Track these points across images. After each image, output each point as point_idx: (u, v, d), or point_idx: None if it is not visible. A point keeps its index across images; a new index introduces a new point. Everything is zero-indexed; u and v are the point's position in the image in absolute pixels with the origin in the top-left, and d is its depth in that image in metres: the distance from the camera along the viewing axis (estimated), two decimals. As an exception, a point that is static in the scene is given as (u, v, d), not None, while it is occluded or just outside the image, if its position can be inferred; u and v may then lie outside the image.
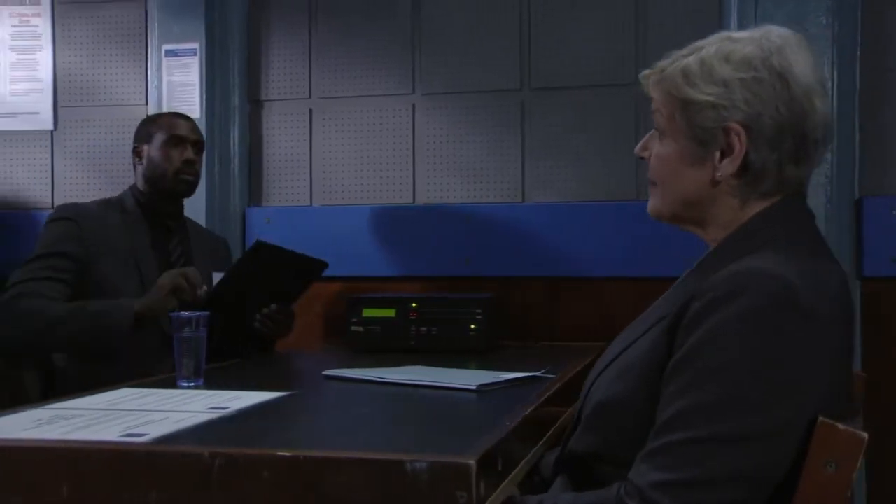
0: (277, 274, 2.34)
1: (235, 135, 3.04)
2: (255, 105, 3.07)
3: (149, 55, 3.06)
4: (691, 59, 1.28)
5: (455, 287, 2.84)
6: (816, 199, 2.49)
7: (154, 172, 2.44)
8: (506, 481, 1.27)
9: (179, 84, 2.98)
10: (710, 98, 1.25)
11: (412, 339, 2.42)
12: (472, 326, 2.38)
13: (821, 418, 1.10)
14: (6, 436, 1.26)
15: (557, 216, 2.82)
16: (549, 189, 2.86)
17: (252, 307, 2.35)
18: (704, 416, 1.11)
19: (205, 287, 2.21)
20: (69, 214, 2.32)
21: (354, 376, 1.84)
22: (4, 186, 3.21)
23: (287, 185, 3.05)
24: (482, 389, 1.67)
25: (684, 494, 1.09)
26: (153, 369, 2.07)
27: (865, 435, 1.09)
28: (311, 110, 3.03)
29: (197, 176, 2.52)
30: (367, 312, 2.46)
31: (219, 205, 2.99)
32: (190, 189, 2.51)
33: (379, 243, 2.94)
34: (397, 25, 2.97)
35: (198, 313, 1.81)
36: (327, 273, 2.93)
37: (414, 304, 2.43)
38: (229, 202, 3.02)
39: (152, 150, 2.45)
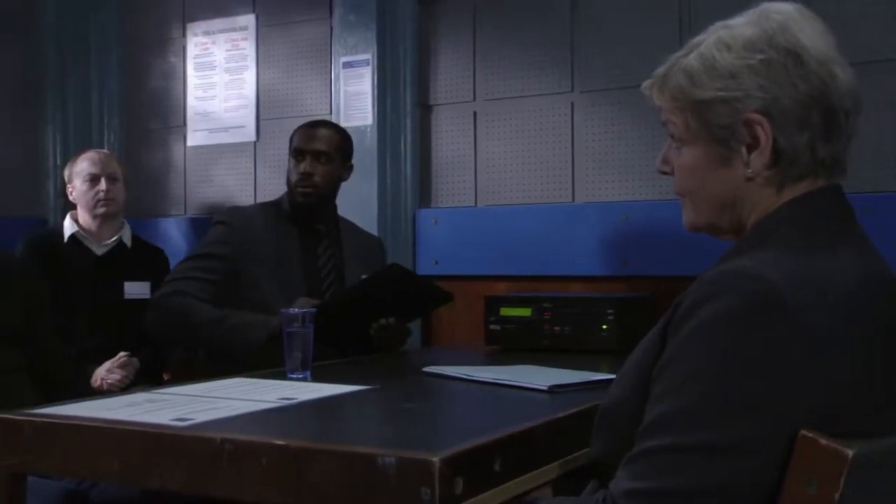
0: (403, 295, 2.39)
1: (407, 139, 3.18)
2: (424, 110, 3.20)
3: (332, 68, 3.28)
4: (691, 58, 1.21)
5: (611, 287, 2.79)
6: None
7: (287, 185, 2.62)
8: (512, 482, 1.27)
9: (354, 93, 3.16)
10: (720, 93, 1.17)
11: (546, 338, 2.42)
12: (604, 327, 2.34)
13: (802, 431, 1.01)
14: (91, 414, 1.45)
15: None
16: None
17: (372, 317, 2.40)
18: (675, 424, 1.06)
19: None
20: (225, 218, 2.56)
21: (446, 373, 1.89)
22: (218, 192, 3.57)
23: (453, 187, 3.15)
24: (554, 390, 1.66)
25: (654, 504, 1.05)
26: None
27: (850, 452, 0.98)
28: (475, 113, 3.10)
29: (316, 187, 2.57)
30: (505, 311, 2.49)
31: (391, 207, 3.14)
32: (309, 200, 2.58)
33: (540, 243, 2.95)
34: (555, 23, 2.97)
35: (305, 310, 1.95)
36: (497, 271, 3.01)
37: (547, 304, 2.43)
38: (401, 204, 3.17)
39: (290, 160, 2.62)
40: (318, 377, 1.90)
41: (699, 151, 1.22)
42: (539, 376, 1.78)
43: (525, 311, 2.46)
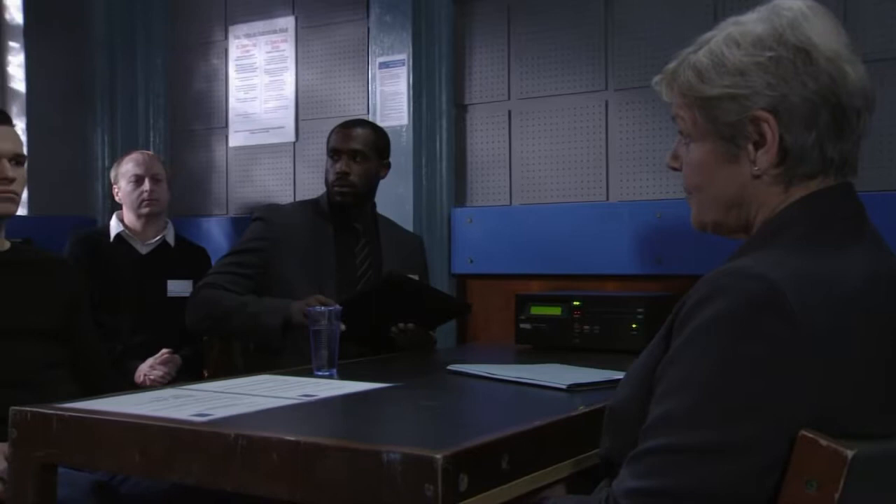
0: (417, 303, 2.40)
1: (442, 139, 3.20)
2: (459, 109, 3.21)
3: (368, 68, 3.31)
4: (701, 54, 1.20)
5: (646, 286, 2.78)
6: None
7: (326, 182, 2.65)
8: (521, 479, 1.28)
9: (390, 93, 3.19)
10: (728, 90, 1.17)
11: (576, 337, 2.42)
12: (633, 326, 2.32)
13: (802, 432, 1.01)
14: (116, 409, 1.49)
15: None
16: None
17: (392, 319, 2.41)
18: (676, 424, 1.06)
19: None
20: (262, 215, 2.61)
21: (469, 371, 1.90)
22: (258, 192, 3.63)
23: (488, 186, 3.16)
24: (573, 389, 1.67)
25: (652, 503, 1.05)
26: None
27: (850, 453, 0.97)
28: (509, 112, 3.11)
29: (353, 186, 2.60)
30: (535, 310, 2.49)
31: (426, 205, 3.16)
32: (346, 199, 2.61)
33: (574, 241, 2.95)
34: (589, 21, 2.96)
35: (331, 308, 1.98)
36: (532, 270, 3.01)
37: (577, 303, 2.43)
38: (436, 203, 3.18)
39: (327, 159, 2.66)
40: (344, 375, 1.93)
41: (707, 148, 1.21)
42: (560, 375, 1.78)
43: (555, 310, 2.46)
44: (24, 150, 2.14)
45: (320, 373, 1.94)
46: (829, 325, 1.04)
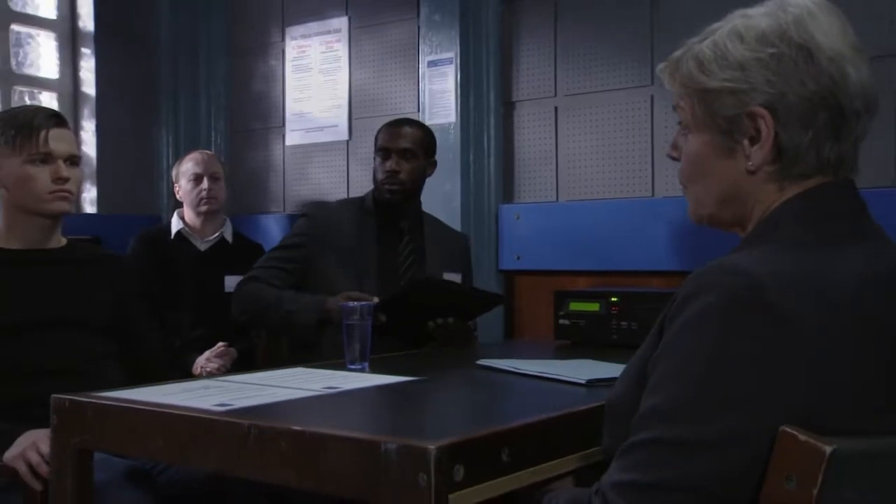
0: (450, 300, 2.43)
1: (490, 136, 3.22)
2: (507, 106, 3.23)
3: (419, 67, 3.35)
4: (705, 45, 1.21)
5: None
6: None
7: (374, 182, 2.70)
8: (524, 471, 1.30)
9: (438, 91, 3.23)
10: (728, 84, 1.17)
11: (614, 333, 2.42)
12: (671, 322, 2.30)
13: (783, 427, 1.01)
14: (145, 398, 1.56)
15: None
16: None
17: (428, 315, 2.44)
18: (662, 419, 1.07)
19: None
20: (307, 211, 2.68)
21: (497, 366, 1.93)
22: (313, 190, 3.71)
23: (535, 182, 3.17)
24: (592, 384, 1.68)
25: (637, 497, 1.06)
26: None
27: (829, 449, 0.97)
28: (556, 108, 3.11)
29: (402, 184, 2.64)
30: (574, 306, 2.50)
31: (474, 202, 3.19)
32: (395, 196, 2.65)
33: (620, 238, 2.94)
34: (635, 17, 2.94)
35: (363, 303, 2.02)
36: (577, 266, 3.02)
37: (614, 299, 2.43)
38: (484, 200, 3.21)
39: (375, 158, 2.70)
40: (377, 368, 1.97)
41: (704, 139, 1.22)
42: (585, 370, 1.80)
43: (593, 306, 2.46)
44: (79, 151, 2.24)
45: (353, 366, 1.99)
46: (818, 323, 1.04)
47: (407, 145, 2.68)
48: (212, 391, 1.63)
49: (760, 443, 1.02)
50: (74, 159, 2.20)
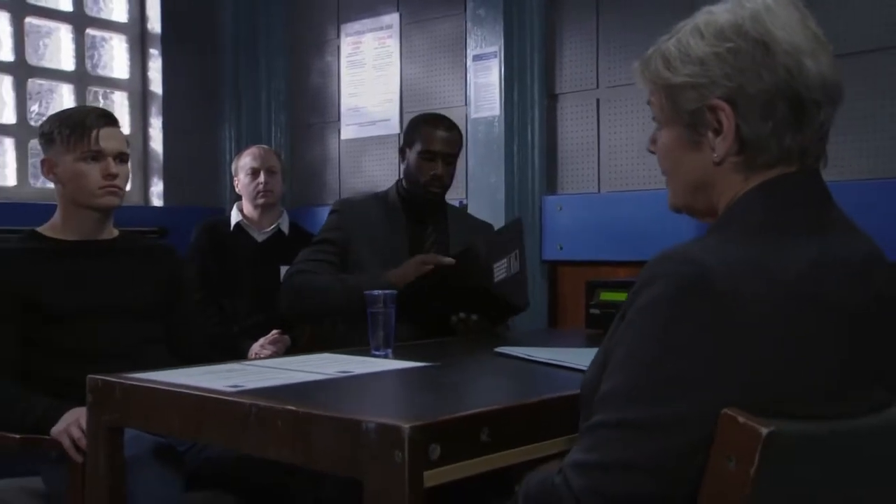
0: (472, 293, 2.46)
1: (534, 128, 3.26)
2: (551, 99, 3.26)
3: (466, 61, 3.42)
4: (671, 42, 1.25)
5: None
6: None
7: (410, 178, 2.75)
8: (507, 452, 1.36)
9: (483, 85, 3.28)
10: (689, 79, 1.21)
11: (642, 322, 2.43)
12: (697, 311, 2.32)
13: (724, 410, 1.05)
14: (167, 380, 1.66)
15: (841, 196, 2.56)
16: (835, 167, 2.61)
17: (454, 305, 2.48)
18: (615, 402, 1.12)
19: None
20: (337, 207, 2.77)
21: (512, 353, 1.98)
22: (367, 182, 3.81)
23: (577, 174, 3.20)
24: (594, 370, 1.72)
25: (591, 476, 1.11)
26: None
27: (765, 430, 1.01)
28: (598, 100, 3.14)
29: (445, 188, 2.72)
30: (604, 296, 2.53)
31: (518, 194, 3.24)
32: (436, 199, 2.73)
33: (661, 228, 2.94)
34: (675, 8, 2.93)
35: (386, 292, 2.10)
36: (619, 256, 3.04)
37: (643, 288, 2.44)
38: (528, 191, 3.25)
39: (411, 156, 2.74)
40: (399, 355, 2.05)
41: (674, 134, 1.26)
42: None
43: (622, 296, 2.45)
44: (127, 149, 2.37)
45: (377, 352, 2.07)
46: (767, 309, 1.07)
47: (455, 151, 2.75)
48: (234, 373, 1.73)
49: (705, 424, 1.06)
50: (123, 156, 2.34)
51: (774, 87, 1.16)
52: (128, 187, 2.44)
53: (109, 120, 2.34)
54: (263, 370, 1.79)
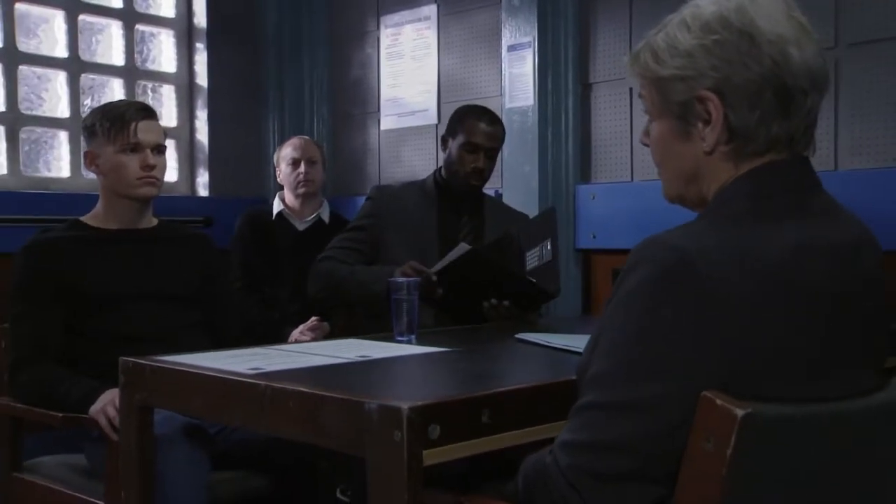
0: (497, 280, 2.49)
1: (569, 117, 3.28)
2: (585, 88, 3.28)
3: (502, 52, 3.45)
4: (659, 36, 1.28)
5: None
6: None
7: (450, 168, 2.79)
8: (509, 433, 1.40)
9: (517, 75, 3.31)
10: (677, 71, 1.24)
11: (666, 310, 2.44)
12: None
13: (703, 392, 1.08)
14: (193, 362, 1.73)
15: (873, 185, 2.55)
16: (865, 155, 2.60)
17: (482, 293, 2.51)
18: (601, 384, 1.16)
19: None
20: (372, 194, 2.83)
21: (530, 339, 2.02)
22: (406, 172, 3.86)
23: (611, 162, 3.21)
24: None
25: (577, 455, 1.16)
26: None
27: (740, 412, 1.04)
28: (631, 90, 3.14)
29: (485, 181, 2.77)
30: (630, 283, 2.54)
31: (552, 183, 3.26)
32: (475, 191, 2.78)
33: (691, 216, 2.94)
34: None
35: (410, 279, 2.16)
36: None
37: (667, 276, 2.45)
38: (561, 180, 3.28)
39: (453, 147, 2.77)
40: (422, 341, 2.10)
41: (664, 126, 1.29)
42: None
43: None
44: (164, 141, 2.46)
45: (401, 338, 2.13)
46: (746, 293, 1.10)
47: (497, 146, 2.81)
48: (257, 357, 1.80)
49: (685, 406, 1.09)
50: (161, 148, 2.43)
51: (760, 77, 1.18)
52: (171, 177, 2.53)
53: (148, 113, 2.43)
54: (287, 354, 1.85)
